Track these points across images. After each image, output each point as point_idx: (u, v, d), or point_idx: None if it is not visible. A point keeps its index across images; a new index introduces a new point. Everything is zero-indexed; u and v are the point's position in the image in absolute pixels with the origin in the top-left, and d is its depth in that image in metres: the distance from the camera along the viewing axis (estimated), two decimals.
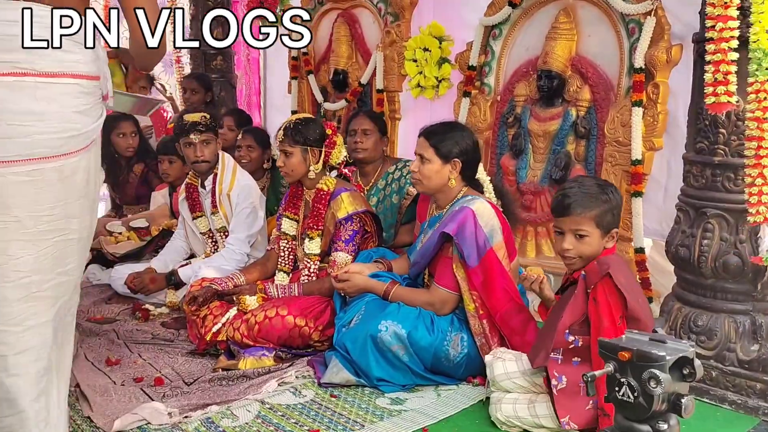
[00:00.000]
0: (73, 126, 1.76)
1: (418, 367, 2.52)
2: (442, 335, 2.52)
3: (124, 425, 2.24)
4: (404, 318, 2.51)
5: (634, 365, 1.35)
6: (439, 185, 2.62)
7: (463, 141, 2.61)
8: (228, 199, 3.44)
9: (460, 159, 2.59)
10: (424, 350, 2.50)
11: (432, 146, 2.60)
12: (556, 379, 2.11)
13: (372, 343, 2.49)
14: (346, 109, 4.50)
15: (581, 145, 3.27)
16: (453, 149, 2.58)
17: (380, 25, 4.26)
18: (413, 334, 2.48)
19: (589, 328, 2.10)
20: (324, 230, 3.02)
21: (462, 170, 2.61)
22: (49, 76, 1.75)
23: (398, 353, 2.48)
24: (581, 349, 2.12)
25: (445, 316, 2.58)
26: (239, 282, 3.05)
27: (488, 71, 3.67)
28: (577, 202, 2.15)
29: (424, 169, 2.61)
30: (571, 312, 2.12)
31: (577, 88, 3.28)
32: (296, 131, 2.94)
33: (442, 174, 2.60)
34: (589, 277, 2.11)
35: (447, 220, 2.55)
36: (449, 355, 2.53)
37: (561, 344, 2.13)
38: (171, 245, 3.77)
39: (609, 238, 2.17)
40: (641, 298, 2.12)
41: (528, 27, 3.52)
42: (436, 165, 2.59)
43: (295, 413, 2.35)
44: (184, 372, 2.72)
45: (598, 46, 3.23)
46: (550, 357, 2.13)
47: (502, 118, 3.61)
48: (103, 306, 3.58)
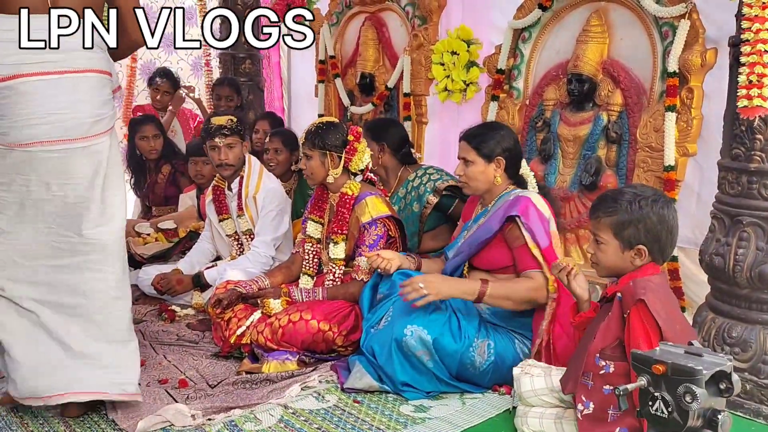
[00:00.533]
0: (99, 112, 2.26)
1: (443, 374, 2.49)
2: (468, 341, 2.49)
3: (148, 427, 2.25)
4: (431, 323, 2.47)
5: (668, 379, 1.30)
6: (486, 185, 2.66)
7: (504, 139, 2.65)
8: (254, 201, 3.45)
9: (503, 157, 2.62)
10: (450, 357, 2.47)
11: (474, 148, 2.64)
12: (583, 404, 2.01)
13: (397, 348, 2.46)
14: (372, 112, 4.48)
15: (612, 150, 3.21)
16: (495, 148, 2.62)
17: (408, 29, 4.24)
18: (439, 340, 2.45)
19: (622, 353, 1.96)
20: (348, 234, 3.00)
21: (506, 167, 2.64)
22: (82, 71, 2.20)
23: (423, 359, 2.45)
24: (613, 376, 1.95)
25: (473, 321, 2.55)
26: (264, 285, 3.04)
27: (517, 75, 3.62)
28: (602, 206, 2.07)
29: (469, 171, 2.65)
30: (603, 335, 1.99)
31: (608, 92, 3.22)
32: (316, 135, 2.94)
33: (487, 174, 2.64)
34: (625, 300, 1.98)
35: (504, 209, 2.56)
36: (475, 362, 2.49)
37: (591, 368, 2.00)
38: (198, 247, 3.79)
39: (635, 255, 2.02)
40: (680, 325, 1.96)
41: (558, 30, 3.46)
42: (480, 166, 2.63)
43: (318, 418, 2.33)
44: (208, 374, 2.72)
45: (631, 50, 3.17)
46: (579, 382, 2.03)
47: (531, 123, 3.56)
48: None
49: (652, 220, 2.00)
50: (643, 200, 2.01)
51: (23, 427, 2.27)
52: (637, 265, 2.04)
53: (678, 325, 1.91)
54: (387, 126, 3.59)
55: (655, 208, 2.00)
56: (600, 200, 2.11)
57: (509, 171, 2.66)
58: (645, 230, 2.00)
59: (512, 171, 2.68)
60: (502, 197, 2.64)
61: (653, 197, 2.03)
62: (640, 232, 2.00)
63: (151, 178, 4.71)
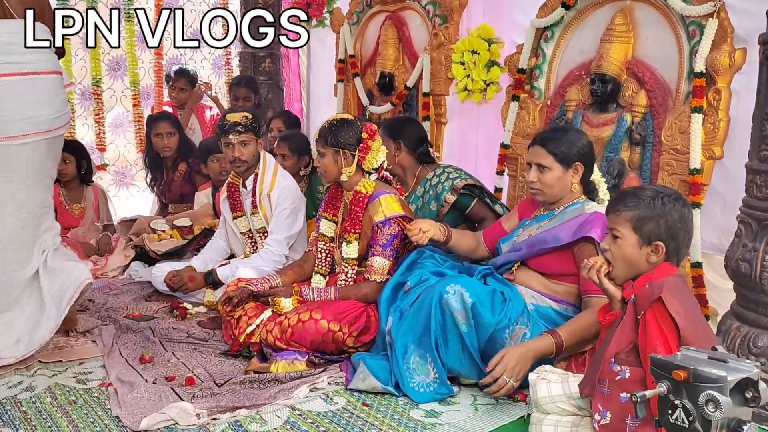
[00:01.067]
0: (59, 109, 2.66)
1: (471, 343, 2.41)
2: (506, 321, 2.42)
3: (151, 424, 2.21)
4: (475, 287, 2.42)
5: (690, 386, 1.21)
6: (561, 192, 2.55)
7: (580, 142, 2.52)
8: (268, 199, 3.41)
9: (581, 161, 2.51)
10: (484, 327, 2.39)
11: (551, 153, 2.50)
12: (600, 414, 1.92)
13: (438, 302, 2.40)
14: (391, 112, 4.42)
15: (636, 152, 3.12)
16: (572, 153, 2.50)
17: (428, 28, 4.18)
18: (477, 307, 2.38)
19: (637, 357, 1.88)
20: (361, 234, 2.94)
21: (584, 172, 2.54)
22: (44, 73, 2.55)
23: (458, 320, 2.39)
24: (629, 383, 1.87)
25: (519, 303, 2.47)
26: (275, 283, 3.00)
27: (539, 74, 3.54)
28: (621, 201, 2.01)
29: (544, 178, 2.52)
30: (618, 339, 1.93)
31: (632, 93, 3.13)
32: (329, 133, 2.88)
33: (564, 180, 2.52)
34: (639, 301, 1.91)
35: (578, 224, 2.44)
36: (505, 344, 2.41)
37: (606, 375, 1.92)
38: (211, 245, 3.76)
39: (651, 251, 1.96)
40: (701, 327, 1.87)
41: (582, 29, 3.38)
42: (558, 172, 2.51)
43: (325, 421, 2.27)
44: (216, 372, 2.68)
45: (656, 49, 3.08)
46: (596, 389, 1.95)
47: (552, 124, 3.48)
48: (143, 303, 3.60)
49: (674, 217, 1.96)
50: (666, 197, 1.97)
51: (26, 422, 2.24)
52: (652, 263, 1.97)
53: (699, 327, 1.83)
54: (404, 124, 3.52)
55: (677, 206, 1.97)
56: (621, 195, 2.06)
57: (583, 177, 2.55)
58: (665, 227, 1.96)
59: (586, 177, 2.56)
60: (574, 206, 2.53)
61: (675, 195, 2.00)
62: (660, 227, 1.96)
63: (167, 176, 4.70)
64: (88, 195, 4.54)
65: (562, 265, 2.51)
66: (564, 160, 2.50)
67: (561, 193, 2.55)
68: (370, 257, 2.89)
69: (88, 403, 2.40)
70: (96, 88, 5.35)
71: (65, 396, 2.45)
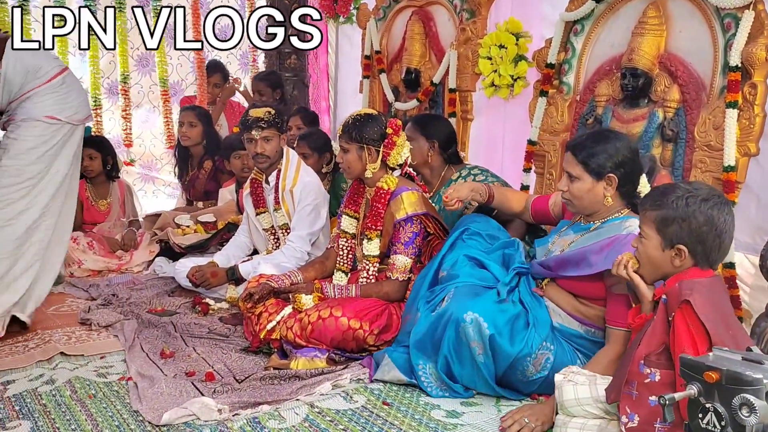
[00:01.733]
0: None
1: (489, 373, 2.32)
2: (527, 350, 2.30)
3: (172, 419, 2.19)
4: (495, 315, 2.29)
5: (722, 388, 1.15)
6: (593, 204, 2.34)
7: (618, 153, 2.29)
8: (291, 195, 3.39)
9: (615, 174, 2.29)
10: (503, 359, 2.29)
11: (581, 162, 2.31)
12: (627, 417, 1.84)
13: (454, 329, 2.30)
14: (417, 108, 4.37)
15: (668, 149, 3.02)
16: (606, 164, 2.28)
17: (455, 23, 4.12)
18: (496, 339, 2.27)
19: (669, 360, 1.80)
20: (383, 231, 2.89)
21: (619, 186, 2.31)
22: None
23: (475, 351, 2.29)
24: (658, 386, 1.79)
25: (544, 327, 2.34)
26: (296, 280, 2.97)
27: (568, 69, 3.46)
28: (648, 200, 1.94)
29: (573, 188, 2.33)
30: (648, 340, 1.84)
31: (664, 88, 3.04)
32: (354, 128, 2.84)
33: (595, 192, 2.31)
34: (670, 302, 1.83)
35: (611, 245, 2.21)
36: (527, 371, 2.32)
37: (635, 377, 1.84)
38: (234, 241, 3.76)
39: (675, 255, 1.87)
40: (733, 331, 1.77)
41: (613, 22, 3.30)
42: (588, 183, 2.31)
43: (344, 419, 2.23)
44: (236, 369, 2.66)
45: (690, 43, 2.98)
46: (623, 392, 1.86)
47: (581, 120, 3.40)
48: (166, 298, 3.60)
49: (698, 220, 1.85)
50: (692, 198, 1.86)
51: (45, 415, 2.24)
52: (677, 266, 1.89)
53: (731, 330, 1.73)
54: (437, 122, 3.44)
55: (704, 208, 1.85)
56: (652, 192, 1.99)
57: (623, 189, 2.32)
58: (689, 230, 1.85)
59: (627, 189, 2.34)
60: (612, 222, 2.32)
61: (705, 196, 1.87)
62: (683, 230, 1.86)
63: (193, 172, 4.72)
64: (114, 191, 4.57)
65: (593, 289, 2.32)
66: (595, 170, 2.29)
67: (593, 206, 2.35)
68: (392, 255, 2.85)
69: (107, 396, 2.39)
70: (124, 84, 5.39)
71: (85, 389, 2.45)
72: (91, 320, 3.16)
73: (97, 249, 4.21)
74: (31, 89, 2.83)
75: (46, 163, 2.89)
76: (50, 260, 3.02)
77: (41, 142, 2.87)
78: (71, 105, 2.94)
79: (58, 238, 3.03)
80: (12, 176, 2.84)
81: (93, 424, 2.18)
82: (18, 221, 2.85)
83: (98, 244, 4.23)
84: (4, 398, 2.36)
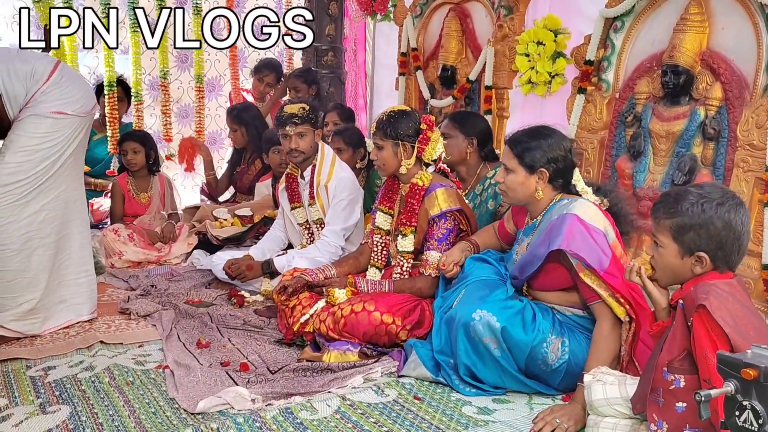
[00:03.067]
0: None
1: (510, 366, 2.32)
2: (541, 336, 2.31)
3: (207, 407, 2.23)
4: (502, 310, 2.32)
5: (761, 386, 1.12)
6: (525, 196, 2.45)
7: (551, 149, 2.39)
8: (325, 190, 3.41)
9: (547, 169, 2.39)
10: (518, 348, 2.30)
11: (516, 156, 2.42)
12: (655, 424, 1.81)
13: (464, 331, 2.32)
14: (452, 106, 4.36)
15: (709, 147, 2.96)
16: (539, 159, 2.39)
17: (493, 19, 4.10)
18: (508, 329, 2.28)
19: (692, 365, 1.76)
20: (417, 227, 2.89)
21: (551, 179, 2.41)
22: None
23: (489, 346, 2.30)
24: (684, 392, 1.76)
25: (547, 317, 2.38)
26: (330, 274, 2.99)
27: (607, 66, 3.41)
28: (662, 205, 1.87)
29: (508, 179, 2.45)
30: (670, 346, 1.80)
31: (706, 86, 2.98)
32: (388, 124, 2.84)
33: (527, 185, 2.42)
34: (687, 306, 1.79)
35: (547, 232, 2.34)
36: (547, 359, 2.32)
37: (660, 384, 1.81)
38: (269, 235, 3.80)
39: (695, 262, 1.83)
40: (755, 332, 1.70)
41: (654, 18, 3.24)
42: (520, 176, 2.42)
43: (375, 412, 2.24)
44: (270, 360, 2.69)
45: (733, 40, 2.92)
46: (649, 400, 1.83)
47: (620, 117, 3.35)
48: (203, 290, 3.66)
49: (716, 225, 1.79)
50: (708, 203, 1.80)
51: (84, 400, 2.30)
52: (697, 273, 1.84)
53: (752, 331, 1.67)
54: (476, 119, 3.45)
55: (720, 212, 1.79)
56: (662, 199, 1.90)
57: (556, 183, 2.43)
58: (707, 236, 1.80)
59: (560, 182, 2.44)
60: (550, 210, 2.42)
61: (720, 200, 1.81)
62: (701, 237, 1.80)
63: (243, 166, 4.82)
64: (155, 184, 4.66)
65: (560, 278, 2.38)
66: (528, 164, 2.39)
67: (525, 198, 2.45)
68: (426, 251, 2.85)
69: (144, 384, 2.44)
70: (163, 80, 5.48)
71: (123, 377, 2.50)
72: (130, 310, 3.23)
73: (137, 241, 4.30)
74: (36, 91, 2.79)
75: (53, 159, 2.83)
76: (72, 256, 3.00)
77: (48, 139, 2.81)
78: (76, 98, 2.90)
79: (73, 229, 2.98)
80: (14, 173, 2.74)
81: (130, 410, 2.23)
82: (26, 218, 2.79)
83: (138, 236, 4.32)
84: (45, 384, 2.43)
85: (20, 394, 2.34)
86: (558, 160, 2.40)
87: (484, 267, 2.61)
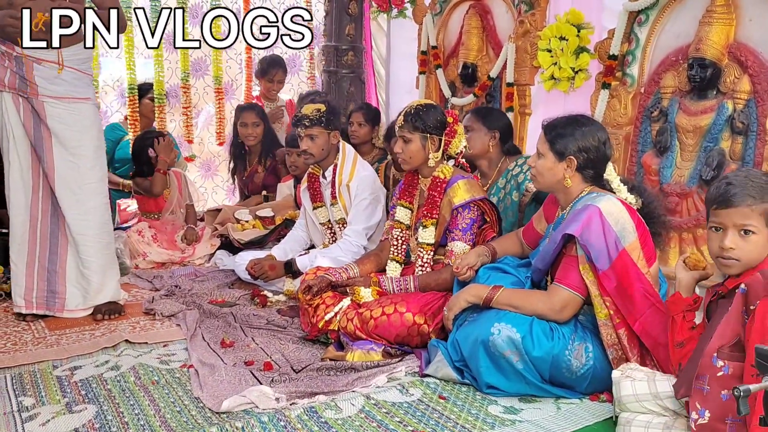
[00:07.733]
0: None
1: (534, 377, 2.28)
2: (563, 342, 2.27)
3: (232, 406, 2.22)
4: (521, 321, 2.29)
5: None
6: (553, 183, 2.44)
7: (583, 138, 2.37)
8: (347, 189, 3.40)
9: (575, 157, 2.37)
10: (541, 359, 2.26)
11: (548, 141, 2.42)
12: (697, 413, 1.76)
13: (483, 348, 2.29)
14: (473, 103, 4.33)
15: (738, 142, 2.91)
16: (570, 146, 2.37)
17: (513, 15, 4.06)
18: (529, 340, 2.25)
19: (741, 352, 1.72)
20: (439, 219, 2.87)
21: (580, 169, 2.38)
22: None
23: (511, 359, 2.26)
24: (731, 380, 1.72)
25: (568, 322, 2.34)
26: (353, 273, 2.97)
27: (631, 60, 3.36)
28: (747, 192, 1.84)
29: (538, 164, 2.45)
30: (722, 332, 1.76)
31: (734, 79, 2.92)
32: (416, 117, 2.82)
33: (554, 171, 2.40)
34: (752, 291, 1.73)
35: (570, 219, 2.32)
36: (572, 365, 2.28)
37: (707, 370, 1.76)
38: (292, 235, 3.80)
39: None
40: None
41: (679, 11, 3.19)
42: (549, 162, 2.41)
43: (400, 412, 2.22)
44: (294, 359, 2.68)
45: (761, 32, 2.86)
46: (693, 387, 1.79)
47: (646, 112, 3.30)
48: (226, 290, 3.67)
49: None
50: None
51: (110, 399, 2.31)
52: None
53: None
54: (498, 113, 3.46)
55: None
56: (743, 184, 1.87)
57: (585, 173, 2.39)
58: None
59: (591, 174, 2.40)
60: (578, 201, 2.38)
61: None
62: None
63: (251, 168, 4.81)
64: (172, 180, 4.69)
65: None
66: (558, 151, 2.37)
67: (553, 185, 2.44)
68: (450, 242, 2.83)
69: (169, 383, 2.45)
70: (184, 83, 5.51)
71: (148, 376, 2.51)
72: (154, 310, 3.25)
73: (161, 242, 4.33)
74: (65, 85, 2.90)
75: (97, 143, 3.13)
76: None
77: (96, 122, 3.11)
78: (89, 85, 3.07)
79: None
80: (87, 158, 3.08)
81: (155, 409, 2.23)
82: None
83: (161, 236, 4.36)
84: (72, 383, 2.44)
85: (47, 393, 2.36)
86: (589, 149, 2.37)
87: (498, 277, 2.56)
